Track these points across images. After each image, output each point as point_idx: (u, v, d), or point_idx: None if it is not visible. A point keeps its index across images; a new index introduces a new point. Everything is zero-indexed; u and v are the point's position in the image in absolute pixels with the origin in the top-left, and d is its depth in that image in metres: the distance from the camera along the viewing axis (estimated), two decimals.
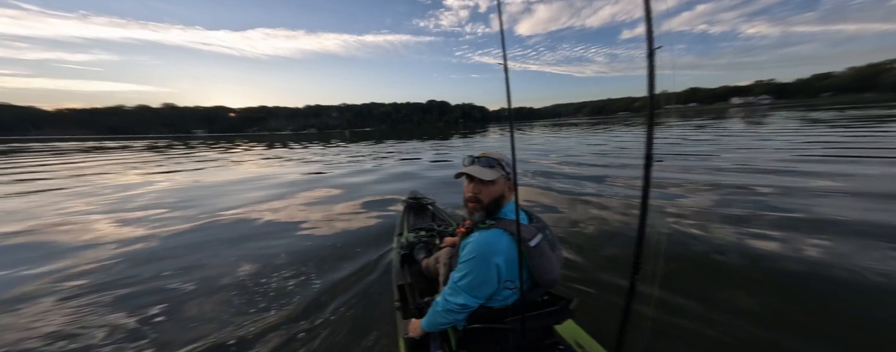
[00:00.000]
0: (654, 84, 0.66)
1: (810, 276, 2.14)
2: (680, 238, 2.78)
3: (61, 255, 3.04)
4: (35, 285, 2.43)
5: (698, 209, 3.55)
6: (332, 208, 4.36)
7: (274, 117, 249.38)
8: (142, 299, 2.18)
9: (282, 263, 2.61)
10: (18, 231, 3.81)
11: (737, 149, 8.03)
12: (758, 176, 4.80)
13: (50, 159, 14.54)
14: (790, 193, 3.88)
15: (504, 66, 0.84)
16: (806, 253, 2.41)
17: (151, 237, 3.48)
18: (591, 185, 5.30)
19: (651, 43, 0.64)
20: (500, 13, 0.83)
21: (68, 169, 10.45)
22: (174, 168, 10.12)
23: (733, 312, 1.82)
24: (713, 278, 2.16)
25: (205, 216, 4.19)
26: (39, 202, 5.41)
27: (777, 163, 5.80)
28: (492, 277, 0.92)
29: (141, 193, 6.04)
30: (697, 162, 6.44)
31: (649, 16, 0.63)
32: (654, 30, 0.65)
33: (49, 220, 4.26)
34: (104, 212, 4.64)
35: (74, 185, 7.25)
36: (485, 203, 1.00)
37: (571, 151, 10.13)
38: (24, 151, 20.82)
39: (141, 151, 18.83)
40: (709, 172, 5.25)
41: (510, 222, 0.94)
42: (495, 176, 0.99)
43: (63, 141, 54.68)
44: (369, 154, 12.57)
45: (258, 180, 7.29)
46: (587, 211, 3.86)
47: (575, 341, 1.22)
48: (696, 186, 4.63)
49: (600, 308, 1.80)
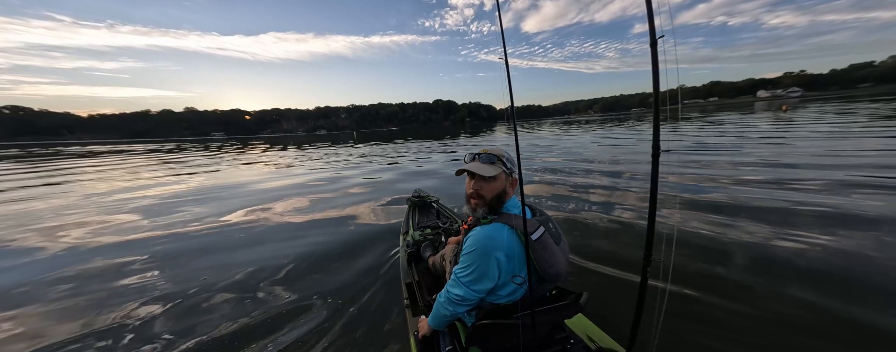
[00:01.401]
0: (658, 75, 0.64)
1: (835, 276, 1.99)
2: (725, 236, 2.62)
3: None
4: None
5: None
6: (351, 207, 4.42)
7: (286, 119, 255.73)
8: (170, 288, 2.29)
9: (295, 262, 2.65)
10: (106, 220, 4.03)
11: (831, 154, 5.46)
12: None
13: (105, 160, 15.30)
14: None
15: (505, 62, 0.84)
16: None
17: (176, 237, 3.62)
18: (601, 178, 5.19)
19: (653, 33, 0.62)
20: (498, 11, 0.83)
21: (122, 169, 11.04)
22: (215, 167, 10.58)
23: (749, 306, 1.76)
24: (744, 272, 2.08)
25: (232, 216, 4.33)
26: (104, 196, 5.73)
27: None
28: (492, 270, 0.92)
29: (187, 191, 6.24)
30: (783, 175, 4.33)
31: (650, 6, 0.61)
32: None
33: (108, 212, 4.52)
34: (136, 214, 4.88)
35: (141, 184, 7.64)
36: (488, 199, 1.00)
37: (578, 149, 9.93)
38: (60, 155, 22.15)
39: (173, 152, 19.26)
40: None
41: (512, 217, 0.94)
42: (496, 172, 0.99)
43: (95, 144, 57.80)
44: (383, 154, 12.64)
45: (282, 179, 7.42)
46: (597, 204, 3.78)
47: (586, 334, 1.21)
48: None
49: (611, 302, 1.77)
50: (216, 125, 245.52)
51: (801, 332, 1.54)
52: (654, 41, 0.62)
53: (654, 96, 0.66)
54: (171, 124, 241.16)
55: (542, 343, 1.03)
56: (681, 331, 1.57)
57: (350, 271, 2.42)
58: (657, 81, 0.65)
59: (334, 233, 3.37)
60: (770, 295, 1.83)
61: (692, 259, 2.28)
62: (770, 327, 1.59)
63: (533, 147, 11.32)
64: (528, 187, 4.92)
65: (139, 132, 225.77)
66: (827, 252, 2.24)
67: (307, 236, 3.32)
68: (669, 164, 0.80)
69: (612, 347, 1.14)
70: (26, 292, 2.33)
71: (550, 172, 6.18)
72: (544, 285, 1.00)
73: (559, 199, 4.25)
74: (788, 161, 5.21)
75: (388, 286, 2.13)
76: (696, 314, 1.69)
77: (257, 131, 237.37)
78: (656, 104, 0.68)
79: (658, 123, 0.68)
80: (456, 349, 1.06)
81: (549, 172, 6.29)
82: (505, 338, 0.96)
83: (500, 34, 0.82)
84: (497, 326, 0.95)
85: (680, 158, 6.14)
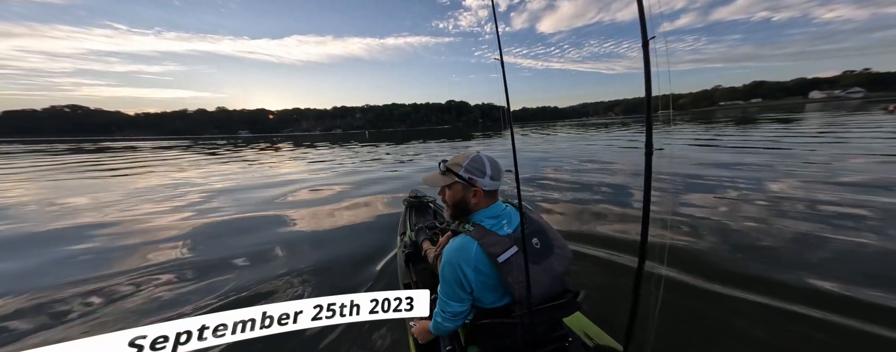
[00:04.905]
0: (650, 76, 0.64)
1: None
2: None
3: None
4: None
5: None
6: (350, 207, 4.44)
7: (305, 118, 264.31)
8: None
9: (293, 262, 2.63)
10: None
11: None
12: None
13: (162, 155, 16.17)
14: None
15: (500, 61, 0.84)
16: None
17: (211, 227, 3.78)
18: (600, 176, 5.02)
19: (645, 34, 0.61)
20: (494, 11, 0.84)
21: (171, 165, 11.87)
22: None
23: (748, 302, 1.70)
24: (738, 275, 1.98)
25: (231, 216, 4.43)
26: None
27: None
28: (464, 285, 0.90)
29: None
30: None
31: (642, 6, 0.60)
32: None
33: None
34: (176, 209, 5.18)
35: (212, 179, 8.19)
36: (449, 205, 1.00)
37: (591, 155, 9.59)
38: (109, 149, 23.89)
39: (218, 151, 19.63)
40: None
41: (485, 232, 0.90)
42: (448, 181, 0.97)
43: (141, 141, 62.26)
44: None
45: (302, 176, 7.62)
46: (593, 203, 3.68)
47: (584, 332, 1.19)
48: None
49: (608, 300, 1.75)
50: (243, 124, 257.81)
51: (802, 326, 1.50)
52: (645, 42, 0.61)
53: (646, 97, 0.65)
54: (205, 123, 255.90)
55: (540, 342, 1.02)
56: (679, 328, 1.54)
57: (348, 271, 2.41)
58: (649, 82, 0.64)
59: (334, 233, 3.34)
60: (769, 293, 1.77)
61: (690, 256, 2.22)
62: (770, 323, 1.55)
63: (532, 149, 11.00)
64: (526, 188, 4.82)
65: (177, 130, 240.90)
66: (828, 246, 2.12)
67: (306, 237, 3.27)
68: (668, 158, 0.78)
69: (609, 344, 1.12)
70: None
71: (550, 173, 6.06)
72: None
73: (558, 198, 4.16)
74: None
75: (387, 287, 2.13)
76: (694, 311, 1.67)
77: (279, 130, 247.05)
78: (648, 105, 0.67)
79: (650, 123, 0.68)
80: (455, 349, 1.07)
81: (549, 172, 6.16)
82: (504, 337, 0.95)
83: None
84: (496, 325, 0.94)
85: (681, 156, 5.84)
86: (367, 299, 0.82)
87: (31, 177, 8.63)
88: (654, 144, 0.71)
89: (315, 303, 0.78)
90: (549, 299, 0.97)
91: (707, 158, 6.54)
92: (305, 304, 0.77)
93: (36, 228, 3.81)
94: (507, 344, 0.95)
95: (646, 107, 0.67)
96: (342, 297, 0.80)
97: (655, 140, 0.72)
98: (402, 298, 0.85)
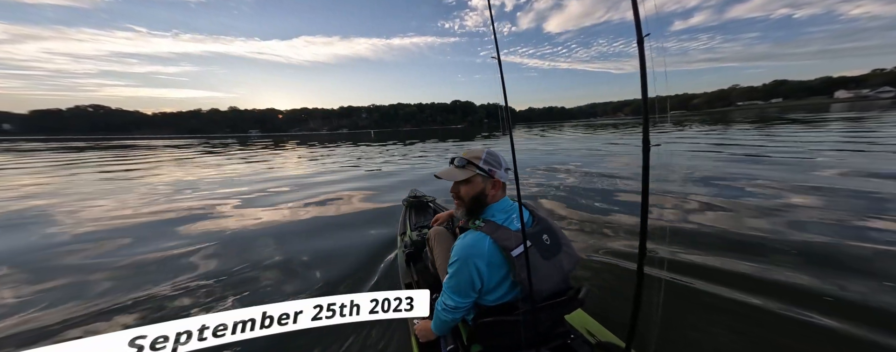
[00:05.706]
0: (645, 73, 0.62)
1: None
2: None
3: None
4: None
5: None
6: (349, 208, 4.39)
7: (313, 118, 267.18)
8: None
9: (292, 263, 2.59)
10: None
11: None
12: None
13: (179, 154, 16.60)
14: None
15: (498, 60, 0.82)
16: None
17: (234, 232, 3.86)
18: (599, 178, 4.92)
19: (639, 31, 0.59)
20: (490, 10, 0.82)
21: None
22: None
23: (747, 297, 1.67)
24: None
25: (228, 214, 4.43)
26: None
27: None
28: (475, 280, 0.90)
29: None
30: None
31: (636, 4, 0.58)
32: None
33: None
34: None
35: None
36: (465, 201, 0.99)
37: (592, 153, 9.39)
38: (132, 148, 24.57)
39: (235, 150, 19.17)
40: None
41: (497, 227, 0.90)
42: (468, 175, 0.97)
43: (158, 139, 63.90)
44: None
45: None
46: (596, 201, 3.62)
47: (585, 329, 1.18)
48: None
49: (610, 296, 1.74)
50: (253, 123, 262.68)
51: (802, 321, 1.48)
52: (640, 39, 0.59)
53: (642, 94, 0.63)
54: (217, 122, 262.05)
55: (543, 339, 1.01)
56: (680, 323, 1.51)
57: (349, 271, 2.39)
58: (645, 79, 0.62)
59: (334, 233, 3.31)
60: (770, 290, 1.74)
61: (691, 253, 2.18)
62: (769, 318, 1.52)
63: (528, 155, 10.67)
64: (525, 187, 4.77)
65: (191, 129, 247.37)
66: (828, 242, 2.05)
67: (305, 238, 3.22)
68: (662, 155, 0.76)
69: (611, 341, 1.10)
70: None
71: (550, 171, 5.97)
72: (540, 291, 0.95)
73: (557, 197, 4.11)
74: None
75: (388, 287, 2.11)
76: (696, 305, 1.65)
77: (287, 129, 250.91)
78: (645, 102, 0.66)
79: (647, 119, 0.67)
80: (458, 348, 1.06)
81: (549, 171, 6.07)
82: (506, 335, 0.94)
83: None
84: (498, 323, 0.93)
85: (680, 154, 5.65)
86: (368, 299, 0.82)
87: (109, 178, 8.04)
88: (650, 140, 0.71)
89: (315, 303, 0.77)
90: (553, 296, 0.96)
91: (707, 159, 6.28)
92: (305, 304, 0.76)
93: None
94: (510, 342, 0.94)
95: (642, 104, 0.65)
96: (342, 297, 0.80)
97: (659, 139, 0.72)
98: (403, 298, 0.84)
